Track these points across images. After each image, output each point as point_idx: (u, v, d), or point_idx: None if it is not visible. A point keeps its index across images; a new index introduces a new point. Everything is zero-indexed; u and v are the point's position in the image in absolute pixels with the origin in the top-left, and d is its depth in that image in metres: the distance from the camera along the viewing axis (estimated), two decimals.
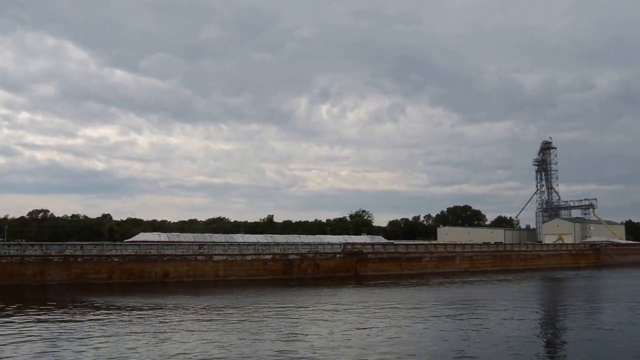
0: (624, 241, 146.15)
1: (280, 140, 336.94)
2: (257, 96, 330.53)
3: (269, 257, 65.22)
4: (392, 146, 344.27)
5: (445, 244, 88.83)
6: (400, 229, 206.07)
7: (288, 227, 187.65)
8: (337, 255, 70.09)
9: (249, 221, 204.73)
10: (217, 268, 61.74)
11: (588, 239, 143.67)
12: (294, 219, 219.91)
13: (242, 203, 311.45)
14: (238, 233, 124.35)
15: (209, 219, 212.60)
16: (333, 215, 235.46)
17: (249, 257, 63.71)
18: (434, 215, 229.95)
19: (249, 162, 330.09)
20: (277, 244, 67.67)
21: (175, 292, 47.86)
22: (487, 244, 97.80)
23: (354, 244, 75.21)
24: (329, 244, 72.38)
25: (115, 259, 58.36)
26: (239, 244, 64.82)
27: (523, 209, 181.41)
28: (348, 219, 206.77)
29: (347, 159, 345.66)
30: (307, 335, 25.66)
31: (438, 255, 79.96)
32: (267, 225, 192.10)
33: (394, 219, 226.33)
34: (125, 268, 58.40)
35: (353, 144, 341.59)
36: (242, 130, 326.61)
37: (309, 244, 70.32)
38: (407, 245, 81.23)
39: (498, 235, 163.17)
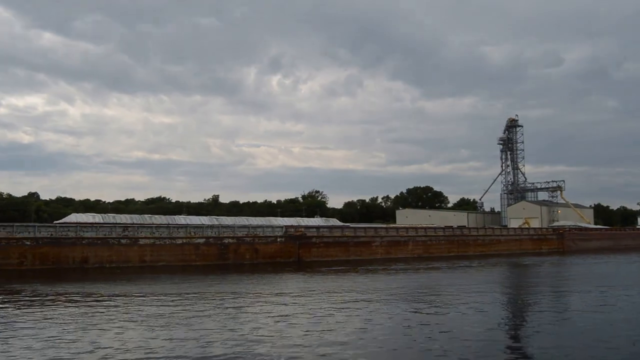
0: (591, 226, 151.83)
1: (226, 114, 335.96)
2: (201, 65, 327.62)
3: (202, 240, 65.24)
4: (349, 122, 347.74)
5: (397, 228, 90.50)
6: (357, 211, 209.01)
7: (235, 208, 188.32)
8: (278, 240, 70.64)
9: (192, 201, 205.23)
10: (143, 253, 61.41)
11: (555, 223, 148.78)
12: (242, 199, 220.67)
13: (184, 181, 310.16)
14: (180, 214, 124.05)
15: (149, 199, 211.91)
16: (284, 195, 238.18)
17: (179, 241, 63.60)
18: (392, 196, 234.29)
19: (193, 136, 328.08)
20: (211, 227, 67.68)
21: (96, 280, 47.62)
22: (449, 227, 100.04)
23: (297, 227, 75.85)
24: (269, 226, 72.85)
25: (27, 243, 57.33)
26: (167, 226, 64.60)
27: (487, 190, 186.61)
28: (300, 200, 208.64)
29: (299, 134, 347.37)
30: (249, 327, 25.76)
31: (389, 240, 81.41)
32: (212, 206, 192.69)
33: (350, 200, 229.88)
34: (39, 252, 57.51)
35: (306, 118, 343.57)
36: (185, 101, 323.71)
37: (247, 226, 70.66)
38: (355, 228, 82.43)
39: (461, 219, 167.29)
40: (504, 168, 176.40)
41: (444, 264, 70.98)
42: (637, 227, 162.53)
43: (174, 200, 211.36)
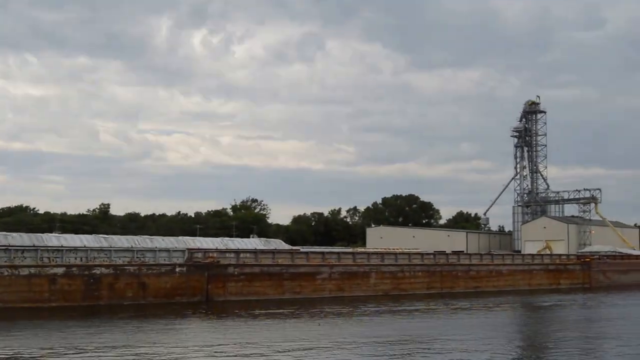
0: (636, 252, 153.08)
1: (125, 85, 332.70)
2: (89, 11, 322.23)
3: (61, 270, 62.98)
4: (303, 100, 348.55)
5: (353, 253, 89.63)
6: (311, 229, 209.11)
7: (133, 224, 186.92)
8: (177, 269, 68.86)
9: (70, 213, 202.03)
10: None
11: (587, 248, 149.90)
12: (144, 210, 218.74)
13: (59, 183, 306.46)
14: (52, 232, 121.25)
15: (4, 209, 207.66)
16: (207, 206, 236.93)
17: (24, 271, 61.35)
18: (362, 208, 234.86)
19: (74, 117, 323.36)
20: (75, 249, 65.80)
21: None
22: (440, 253, 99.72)
23: (207, 250, 74.33)
24: (164, 250, 71.22)
25: None
26: (6, 249, 62.52)
27: (495, 201, 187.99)
28: (230, 212, 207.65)
29: (231, 117, 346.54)
30: None
31: (342, 270, 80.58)
32: (101, 220, 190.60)
33: (302, 213, 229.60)
34: None
35: (242, 94, 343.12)
36: (63, 65, 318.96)
37: (130, 249, 68.88)
38: (293, 252, 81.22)
39: (458, 240, 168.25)
40: (518, 170, 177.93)
41: (418, 305, 70.37)
42: None
43: (42, 211, 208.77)
